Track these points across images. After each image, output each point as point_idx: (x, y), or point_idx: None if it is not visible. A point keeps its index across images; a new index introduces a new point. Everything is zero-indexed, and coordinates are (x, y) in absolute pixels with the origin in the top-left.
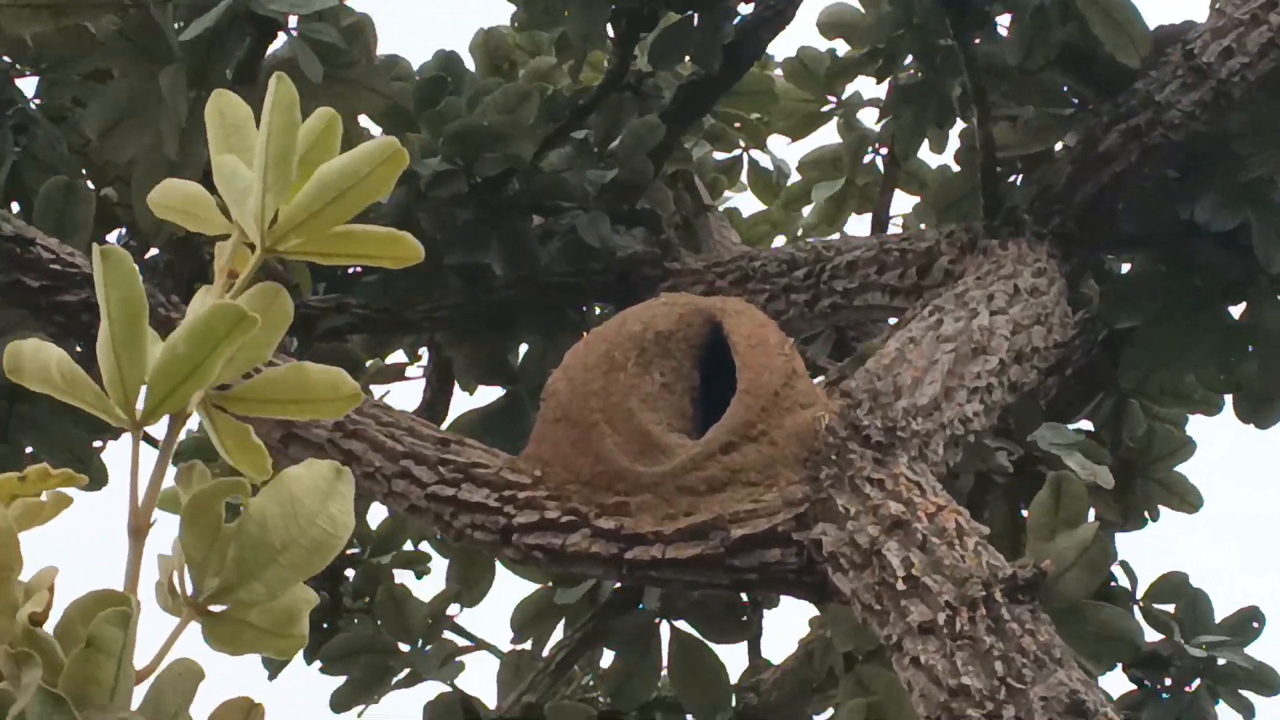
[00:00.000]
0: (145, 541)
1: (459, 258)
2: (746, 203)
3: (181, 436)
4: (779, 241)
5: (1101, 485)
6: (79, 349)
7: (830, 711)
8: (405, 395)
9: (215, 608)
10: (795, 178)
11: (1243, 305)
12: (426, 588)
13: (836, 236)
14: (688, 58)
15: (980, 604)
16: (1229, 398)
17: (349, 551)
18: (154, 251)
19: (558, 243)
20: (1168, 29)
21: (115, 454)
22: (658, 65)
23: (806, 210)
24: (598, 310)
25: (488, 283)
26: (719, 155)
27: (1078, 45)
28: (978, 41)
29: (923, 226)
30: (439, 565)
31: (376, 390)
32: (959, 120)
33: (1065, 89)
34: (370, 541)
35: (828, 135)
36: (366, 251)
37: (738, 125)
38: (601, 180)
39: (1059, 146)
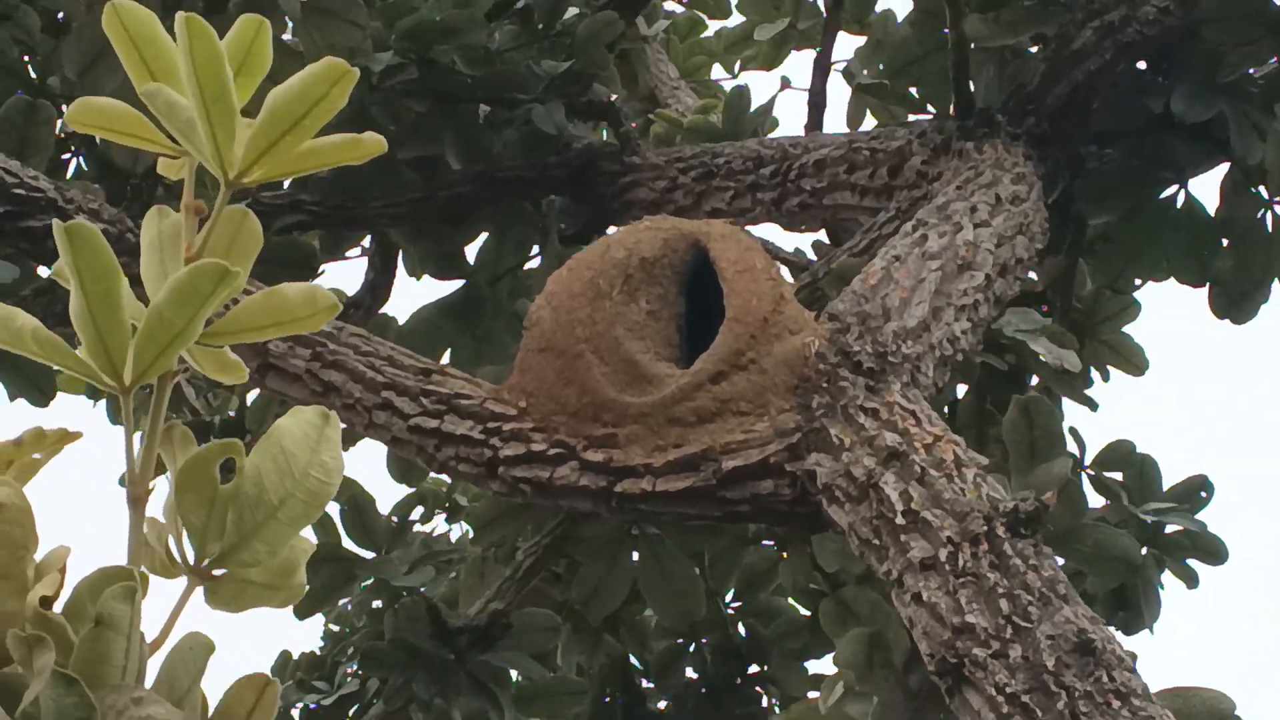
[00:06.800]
0: (145, 509)
1: (413, 151)
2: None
3: None
4: (716, 72)
5: (1069, 369)
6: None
7: None
8: (347, 275)
9: (218, 571)
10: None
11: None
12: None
13: (802, 134)
14: None
15: (982, 539)
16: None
17: None
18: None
19: (513, 134)
20: None
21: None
22: None
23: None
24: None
25: (443, 177)
26: None
27: None
28: None
29: (864, 72)
30: None
31: None
32: None
33: None
34: None
35: None
36: (330, 161)
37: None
38: (555, 71)
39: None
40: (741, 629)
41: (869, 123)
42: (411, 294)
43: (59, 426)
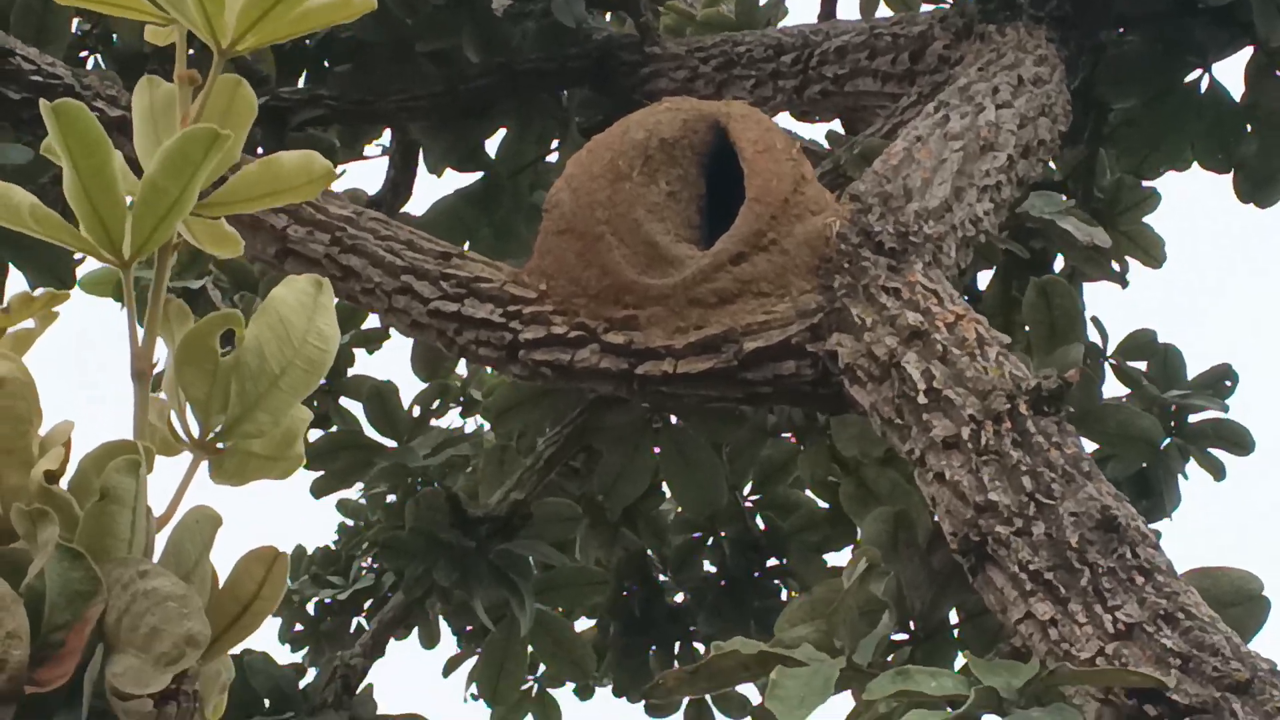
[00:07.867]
0: (149, 384)
1: (431, 44)
2: None
3: None
4: None
5: (1099, 245)
6: None
7: None
8: (367, 175)
9: (221, 444)
10: None
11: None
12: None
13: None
14: None
15: (1005, 417)
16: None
17: None
18: None
19: (532, 25)
20: None
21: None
22: None
23: None
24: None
25: (462, 70)
26: None
27: None
28: None
29: None
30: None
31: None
32: None
33: None
34: None
35: None
36: (323, 22)
37: None
38: None
39: None
40: (760, 522)
41: (882, 12)
42: (432, 192)
43: (46, 290)
